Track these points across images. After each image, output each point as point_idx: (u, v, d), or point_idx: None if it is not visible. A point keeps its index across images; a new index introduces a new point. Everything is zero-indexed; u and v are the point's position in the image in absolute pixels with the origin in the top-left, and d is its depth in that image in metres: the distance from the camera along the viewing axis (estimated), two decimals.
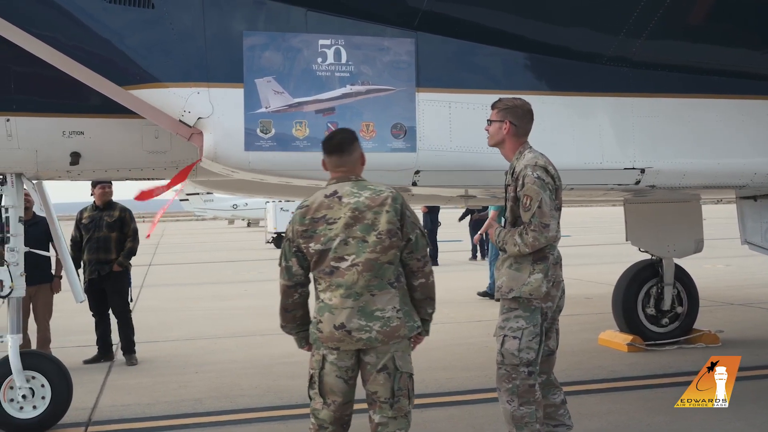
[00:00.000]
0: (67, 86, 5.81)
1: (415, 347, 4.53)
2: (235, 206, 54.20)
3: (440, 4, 5.81)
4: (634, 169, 6.23)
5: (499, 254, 5.17)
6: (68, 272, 7.11)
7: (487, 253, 18.17)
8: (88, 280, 9.06)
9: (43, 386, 6.32)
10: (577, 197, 8.41)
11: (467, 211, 21.19)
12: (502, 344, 4.89)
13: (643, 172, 6.24)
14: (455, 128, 5.80)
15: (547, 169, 4.85)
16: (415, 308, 4.37)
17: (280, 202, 31.61)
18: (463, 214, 22.74)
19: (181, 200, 54.90)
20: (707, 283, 13.94)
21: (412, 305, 4.35)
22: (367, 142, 5.51)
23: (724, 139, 6.50)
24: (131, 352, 9.10)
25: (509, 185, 4.99)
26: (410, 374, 4.31)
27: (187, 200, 56.84)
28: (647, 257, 9.36)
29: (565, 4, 6.11)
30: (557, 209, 4.88)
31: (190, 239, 44.14)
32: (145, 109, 5.59)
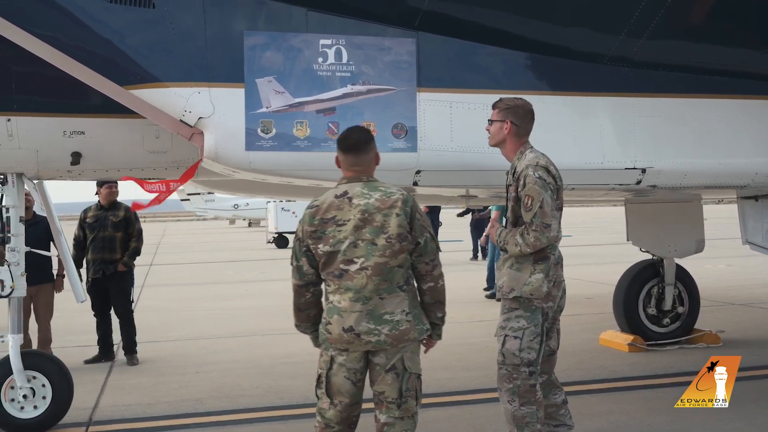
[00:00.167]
0: (67, 86, 5.81)
1: (428, 351, 4.52)
2: (236, 206, 54.20)
3: (441, 3, 5.80)
4: (635, 169, 6.22)
5: (500, 255, 5.17)
6: (69, 272, 7.12)
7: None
8: (91, 279, 9.07)
9: (43, 386, 6.32)
10: (578, 197, 8.41)
11: (468, 209, 21.18)
12: (503, 344, 4.88)
13: (644, 172, 6.24)
14: (456, 128, 5.80)
15: (548, 169, 4.85)
16: (425, 312, 4.35)
17: (281, 202, 31.62)
18: (463, 211, 22.73)
19: (182, 200, 54.91)
20: (708, 283, 13.94)
21: (421, 309, 4.32)
22: None
23: (725, 139, 6.49)
24: (133, 352, 9.11)
25: (510, 185, 4.99)
26: (418, 375, 4.29)
27: (188, 200, 56.83)
28: (648, 257, 9.35)
29: (566, 4, 6.10)
30: (558, 209, 4.88)
31: (191, 239, 44.16)
32: (145, 108, 5.59)
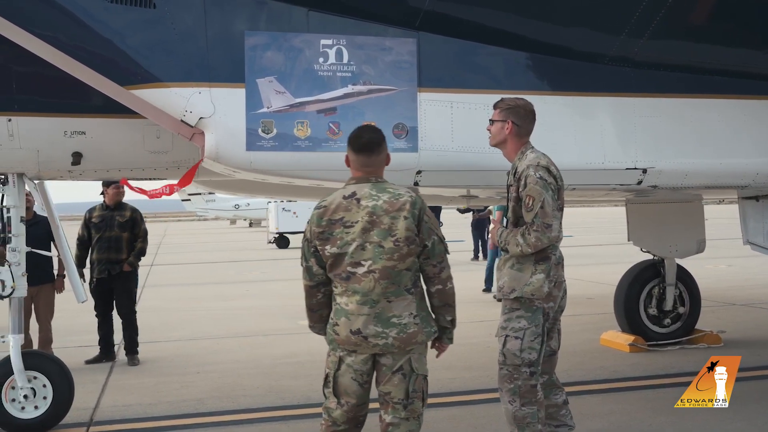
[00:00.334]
0: (68, 86, 5.80)
1: (439, 356, 4.50)
2: (237, 206, 54.22)
3: (442, 4, 5.80)
4: (636, 169, 6.22)
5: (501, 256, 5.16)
6: (70, 272, 7.10)
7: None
8: (96, 279, 9.06)
9: (44, 386, 6.32)
10: (579, 197, 8.40)
11: (468, 208, 21.15)
12: (504, 344, 4.88)
13: (645, 172, 6.23)
14: (457, 128, 5.79)
15: (549, 169, 4.84)
16: (435, 316, 4.33)
17: (282, 202, 31.64)
18: (465, 208, 22.71)
19: (183, 200, 54.96)
20: (709, 283, 13.93)
21: (429, 311, 4.30)
22: None
23: (726, 139, 6.49)
24: (134, 352, 9.11)
25: (511, 185, 4.98)
26: (425, 376, 4.26)
27: (189, 200, 56.86)
28: (649, 257, 9.35)
29: (566, 4, 6.10)
30: (559, 209, 4.87)
31: (192, 239, 44.19)
32: (146, 109, 5.59)
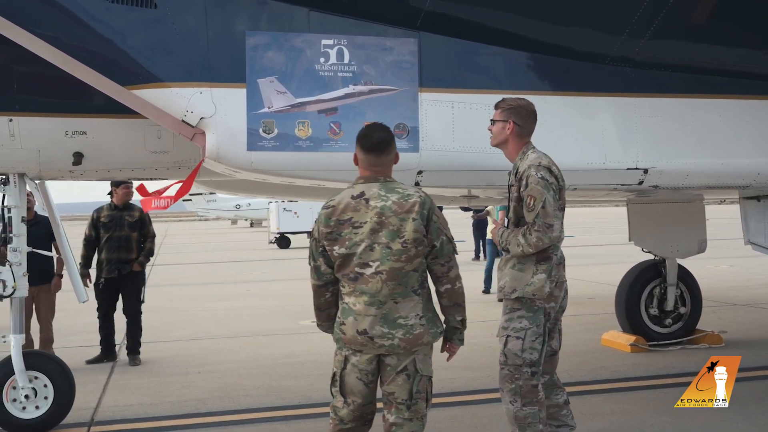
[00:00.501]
0: (69, 86, 5.80)
1: (450, 359, 4.49)
2: (238, 206, 54.26)
3: (443, 4, 5.80)
4: (637, 169, 6.21)
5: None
6: (71, 272, 7.10)
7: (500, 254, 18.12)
8: (105, 279, 9.07)
9: (45, 386, 6.32)
10: (580, 197, 8.40)
11: (468, 208, 21.15)
12: (505, 344, 4.88)
13: (646, 172, 6.23)
14: (458, 128, 5.79)
15: (550, 169, 4.84)
16: (444, 316, 4.32)
17: (283, 202, 31.67)
18: (466, 207, 22.71)
19: (184, 200, 54.94)
20: (710, 283, 13.92)
21: (435, 311, 4.28)
22: None
23: (727, 139, 6.49)
24: (136, 352, 9.11)
25: (512, 185, 4.98)
26: (429, 377, 4.25)
27: (190, 200, 56.90)
28: (650, 257, 9.35)
29: (567, 4, 6.10)
30: (561, 209, 4.87)
31: (193, 239, 44.22)
32: (147, 109, 5.59)
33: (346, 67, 5.60)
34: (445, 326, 4.33)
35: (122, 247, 9.11)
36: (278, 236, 33.06)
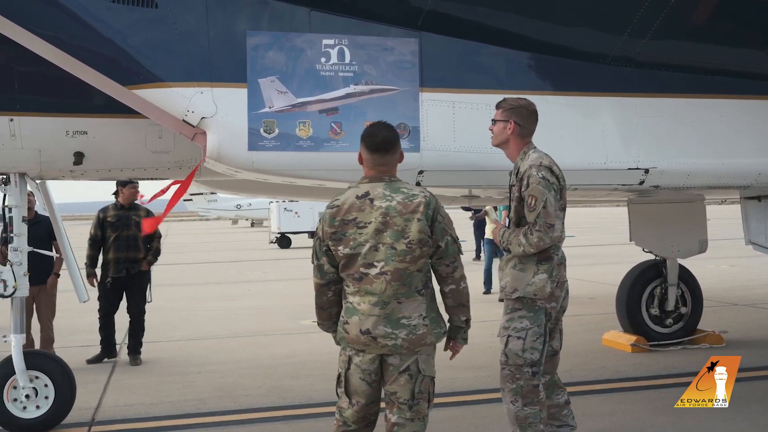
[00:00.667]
0: (70, 86, 5.80)
1: (453, 357, 4.49)
2: (238, 206, 54.31)
3: (444, 3, 5.80)
4: (638, 169, 6.21)
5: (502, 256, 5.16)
6: (71, 272, 7.09)
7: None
8: (113, 278, 9.07)
9: (46, 386, 6.32)
10: (580, 197, 8.40)
11: (469, 207, 21.15)
12: (506, 344, 4.88)
13: (647, 172, 6.23)
14: (459, 128, 5.79)
15: (551, 169, 4.84)
16: (449, 315, 4.31)
17: (283, 202, 31.68)
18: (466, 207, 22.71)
19: (184, 200, 54.99)
20: (711, 283, 13.92)
21: (439, 312, 4.27)
22: None
23: (728, 139, 6.48)
24: (137, 352, 9.12)
25: (514, 185, 4.98)
26: (432, 378, 4.24)
27: (190, 200, 56.98)
28: (651, 257, 9.35)
29: (569, 4, 6.10)
30: (562, 209, 4.87)
31: (193, 239, 44.21)
32: (148, 108, 5.59)
33: (347, 66, 5.59)
34: (448, 325, 4.33)
35: (130, 246, 9.14)
36: (279, 236, 33.07)
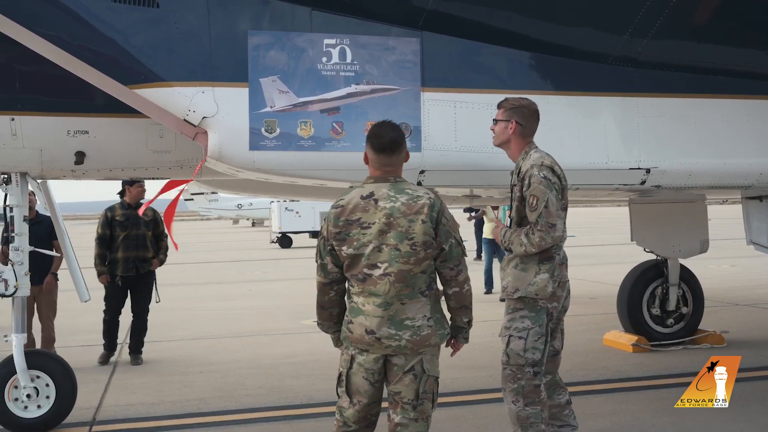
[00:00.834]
0: (71, 85, 5.80)
1: (454, 354, 4.50)
2: (239, 206, 54.35)
3: (445, 3, 5.79)
4: (639, 169, 6.21)
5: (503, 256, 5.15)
6: (73, 272, 7.09)
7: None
8: (122, 276, 9.07)
9: (47, 386, 6.33)
10: (582, 197, 8.40)
11: (470, 208, 21.16)
12: (507, 344, 4.87)
13: (648, 172, 6.22)
14: (460, 128, 5.79)
15: (553, 168, 4.83)
16: (451, 316, 4.32)
17: (284, 201, 31.69)
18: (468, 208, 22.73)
19: (185, 200, 55.08)
20: (712, 283, 13.92)
21: (443, 313, 4.27)
22: None
23: (729, 139, 6.48)
24: (138, 352, 9.12)
25: (515, 185, 4.97)
26: (436, 378, 4.24)
27: (191, 200, 57.02)
28: (652, 257, 9.35)
29: (570, 3, 6.09)
30: (563, 209, 4.86)
31: (194, 239, 44.20)
32: (149, 108, 5.59)
33: (348, 66, 5.59)
34: (450, 324, 4.34)
35: (140, 245, 9.17)
36: (280, 236, 33.05)
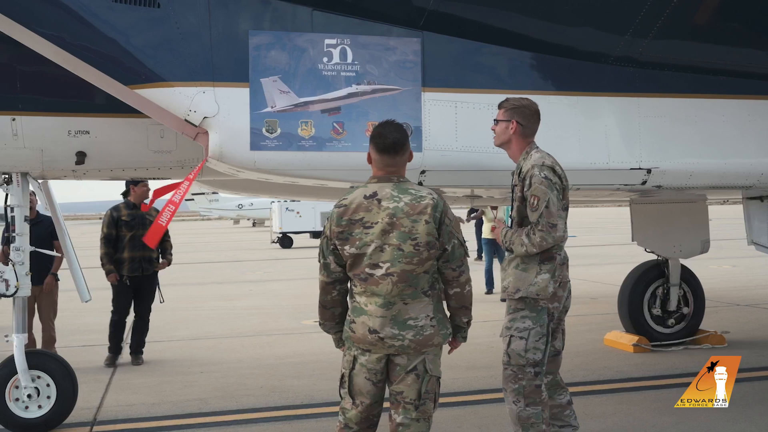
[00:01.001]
0: (72, 85, 5.81)
1: (452, 352, 4.51)
2: (240, 206, 54.35)
3: (446, 3, 5.79)
4: (640, 169, 6.20)
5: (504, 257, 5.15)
6: (74, 272, 7.09)
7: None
8: (129, 276, 9.07)
9: (48, 386, 6.33)
10: (583, 197, 8.40)
11: (472, 208, 21.17)
12: (508, 344, 4.87)
13: (649, 172, 6.22)
14: (461, 128, 5.79)
15: (554, 168, 4.83)
16: (450, 315, 4.32)
17: (285, 201, 31.69)
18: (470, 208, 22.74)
19: (186, 200, 55.04)
20: (713, 283, 13.92)
21: (445, 313, 4.27)
22: None
23: (730, 139, 6.47)
24: (139, 352, 9.13)
25: (516, 185, 4.97)
26: (438, 378, 4.24)
27: (192, 200, 57.03)
28: (653, 258, 9.34)
29: (571, 3, 6.09)
30: (564, 209, 4.86)
31: (195, 239, 44.21)
32: (150, 108, 5.59)
33: (349, 66, 5.59)
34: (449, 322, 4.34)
35: (146, 245, 9.12)
36: (280, 236, 33.05)
